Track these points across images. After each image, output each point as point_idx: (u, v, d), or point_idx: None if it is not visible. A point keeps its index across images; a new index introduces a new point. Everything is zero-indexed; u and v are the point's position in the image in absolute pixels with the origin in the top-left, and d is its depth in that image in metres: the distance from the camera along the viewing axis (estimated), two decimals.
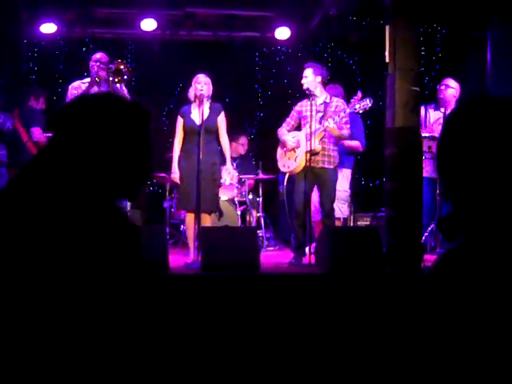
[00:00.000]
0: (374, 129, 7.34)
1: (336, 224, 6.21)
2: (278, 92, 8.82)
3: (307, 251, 5.58)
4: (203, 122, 5.66)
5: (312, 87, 5.78)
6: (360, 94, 5.91)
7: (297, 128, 5.99)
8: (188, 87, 5.93)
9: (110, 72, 5.68)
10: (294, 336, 4.04)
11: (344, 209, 6.61)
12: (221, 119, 5.82)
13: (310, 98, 5.74)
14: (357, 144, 6.51)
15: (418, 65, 5.37)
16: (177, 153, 5.82)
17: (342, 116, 5.72)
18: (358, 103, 5.81)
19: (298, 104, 5.97)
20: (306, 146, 5.71)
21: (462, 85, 6.46)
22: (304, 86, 5.81)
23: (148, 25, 7.66)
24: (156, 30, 7.79)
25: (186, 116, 5.83)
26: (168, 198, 7.42)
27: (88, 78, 5.93)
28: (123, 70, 5.67)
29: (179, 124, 5.86)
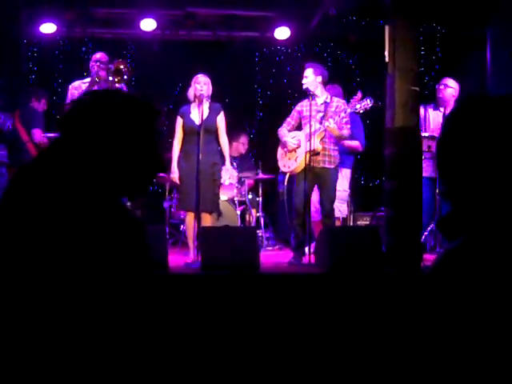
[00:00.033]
0: (374, 128, 7.33)
1: (335, 224, 6.22)
2: (278, 92, 8.82)
3: (307, 251, 5.58)
4: (203, 122, 5.66)
5: (312, 87, 5.78)
6: (360, 94, 5.90)
7: (297, 128, 5.99)
8: (188, 87, 5.93)
9: (109, 72, 5.68)
10: (293, 335, 4.04)
11: (343, 208, 6.62)
12: (220, 119, 5.81)
13: (310, 98, 5.74)
14: (356, 144, 6.51)
15: (417, 64, 5.37)
16: (176, 153, 5.83)
17: (342, 116, 5.72)
18: (358, 103, 5.81)
19: (299, 104, 5.97)
20: (307, 146, 5.71)
21: (462, 84, 6.46)
22: (304, 86, 5.81)
23: (148, 25, 7.66)
24: (156, 29, 7.79)
25: (186, 116, 5.83)
26: (168, 197, 7.43)
27: (88, 77, 5.93)
28: (123, 69, 5.68)
29: (179, 124, 5.86)
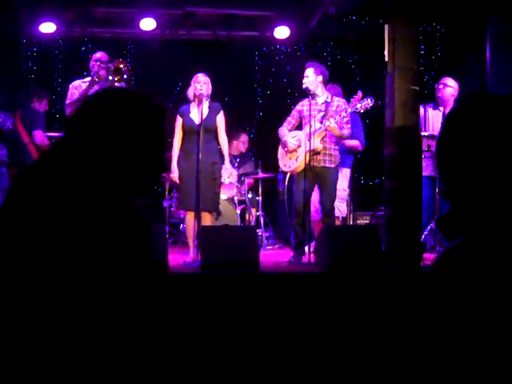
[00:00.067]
0: (374, 128, 7.34)
1: (335, 223, 6.22)
2: (278, 91, 8.81)
3: (307, 250, 5.59)
4: (202, 121, 5.66)
5: (313, 87, 5.77)
6: (360, 94, 5.89)
7: (298, 127, 5.99)
8: (187, 86, 5.93)
9: (109, 71, 5.68)
10: (293, 335, 4.05)
11: (343, 208, 6.62)
12: (220, 118, 5.81)
13: (310, 97, 5.74)
14: (356, 143, 6.51)
15: (417, 64, 5.36)
16: (176, 152, 5.83)
17: (343, 116, 5.72)
18: (359, 103, 5.80)
19: (300, 103, 5.96)
20: (307, 145, 5.71)
21: (462, 84, 6.46)
22: (304, 86, 5.80)
23: (147, 24, 7.65)
24: (155, 29, 7.78)
25: (185, 115, 5.83)
26: (167, 197, 7.43)
27: (89, 77, 5.93)
28: (123, 69, 5.68)
29: (178, 123, 5.86)
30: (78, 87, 5.86)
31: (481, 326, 1.15)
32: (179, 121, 5.85)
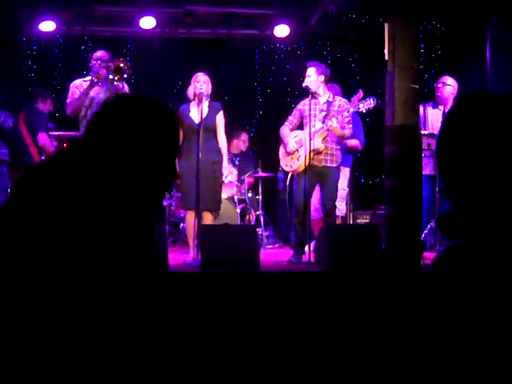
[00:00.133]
0: (374, 127, 7.33)
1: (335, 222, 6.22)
2: (278, 90, 8.81)
3: (307, 249, 5.58)
4: (202, 120, 5.66)
5: (315, 86, 5.76)
6: (361, 93, 5.86)
7: (299, 126, 5.97)
8: (187, 85, 5.93)
9: (110, 70, 5.68)
10: (293, 334, 4.05)
11: (342, 207, 6.62)
12: (219, 118, 5.81)
13: (311, 97, 5.73)
14: (356, 143, 6.51)
15: (417, 62, 5.36)
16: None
17: (345, 115, 5.72)
18: (361, 103, 5.78)
19: (301, 102, 5.95)
20: (308, 145, 5.70)
21: (462, 82, 6.46)
22: (304, 85, 5.79)
23: (147, 23, 7.65)
24: (155, 27, 7.77)
25: (185, 115, 5.83)
26: (167, 196, 7.42)
27: (89, 76, 5.93)
28: (123, 67, 5.67)
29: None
30: (78, 86, 5.86)
31: (481, 325, 1.15)
32: (179, 120, 5.84)
